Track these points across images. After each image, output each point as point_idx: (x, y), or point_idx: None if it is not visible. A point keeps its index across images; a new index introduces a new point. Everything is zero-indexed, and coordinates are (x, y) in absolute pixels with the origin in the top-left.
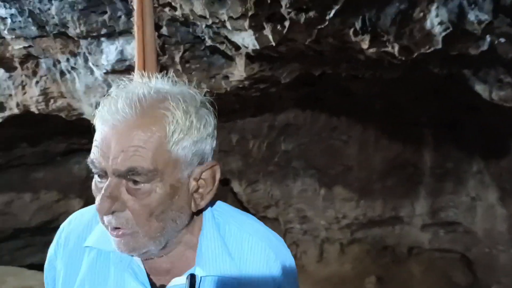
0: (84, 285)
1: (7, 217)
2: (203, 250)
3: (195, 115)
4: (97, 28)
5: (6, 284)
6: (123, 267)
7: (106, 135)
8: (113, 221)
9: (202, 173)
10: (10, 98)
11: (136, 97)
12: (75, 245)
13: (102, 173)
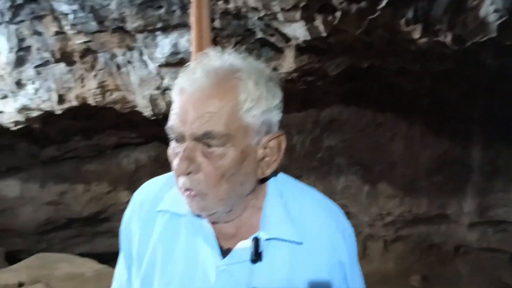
0: (157, 247)
1: (60, 207)
2: (267, 215)
3: (265, 87)
4: (153, 22)
5: (59, 270)
6: (193, 231)
7: (184, 102)
8: (187, 182)
9: (269, 142)
10: (69, 91)
11: (212, 68)
12: (149, 210)
13: (179, 137)
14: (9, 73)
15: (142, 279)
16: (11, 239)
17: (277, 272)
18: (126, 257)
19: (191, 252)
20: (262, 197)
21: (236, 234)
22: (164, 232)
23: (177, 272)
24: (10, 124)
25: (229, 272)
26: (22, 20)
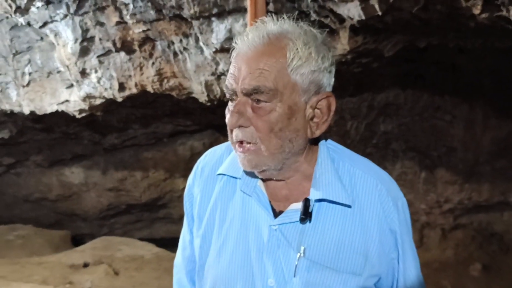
0: (216, 206)
1: (121, 193)
2: (318, 178)
3: (314, 48)
4: (209, 8)
5: (121, 252)
6: (248, 192)
7: (238, 62)
8: (240, 134)
9: (318, 102)
10: (129, 79)
11: (264, 30)
12: (209, 174)
13: (233, 94)
14: (74, 63)
15: (201, 239)
16: (76, 223)
17: (327, 233)
18: (188, 219)
19: (245, 213)
20: (313, 161)
21: (288, 197)
22: (221, 194)
23: (232, 231)
24: (75, 112)
25: (281, 231)
26: (86, 11)
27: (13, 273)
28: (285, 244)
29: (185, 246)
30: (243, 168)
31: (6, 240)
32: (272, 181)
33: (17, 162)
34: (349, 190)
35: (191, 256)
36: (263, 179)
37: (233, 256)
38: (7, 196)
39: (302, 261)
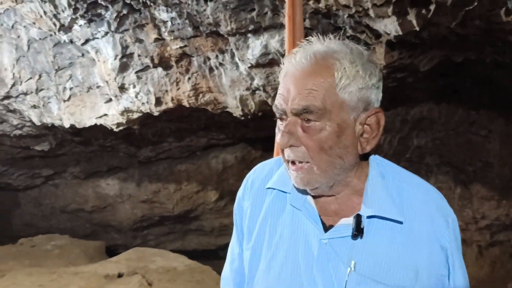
0: (266, 219)
1: (154, 205)
2: (369, 194)
3: (361, 66)
4: (245, 24)
5: (155, 263)
6: (298, 206)
7: (286, 82)
8: (291, 154)
9: (367, 118)
10: (166, 94)
11: (311, 51)
12: (259, 188)
13: (282, 114)
14: (113, 79)
15: (251, 252)
16: (110, 234)
17: (377, 248)
18: (237, 232)
19: (295, 226)
20: (363, 177)
21: (338, 212)
22: (271, 207)
23: (282, 244)
24: (113, 126)
25: (331, 246)
26: (126, 29)
27: (51, 282)
28: (335, 258)
29: (234, 259)
30: (296, 185)
31: (44, 249)
32: (322, 196)
33: (55, 173)
34: (400, 206)
35: (239, 269)
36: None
37: (283, 269)
38: (44, 207)
39: (353, 275)
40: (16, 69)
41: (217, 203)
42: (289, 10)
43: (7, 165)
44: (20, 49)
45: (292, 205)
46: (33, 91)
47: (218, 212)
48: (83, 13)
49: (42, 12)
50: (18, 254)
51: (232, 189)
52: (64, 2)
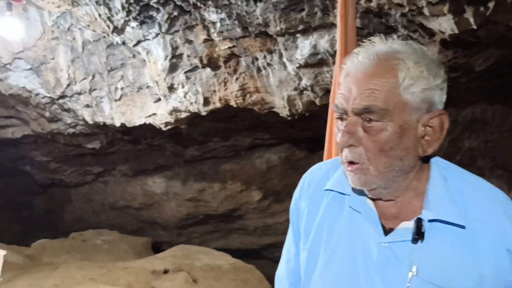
0: (322, 223)
1: (199, 204)
2: (430, 197)
3: (425, 67)
4: (295, 25)
5: (200, 261)
6: (357, 208)
7: (348, 82)
8: (349, 154)
9: (430, 120)
10: (214, 94)
11: (373, 51)
12: (316, 189)
13: (343, 113)
14: (163, 79)
15: (308, 252)
16: (156, 231)
17: (439, 253)
18: (294, 233)
19: (353, 229)
20: (424, 180)
21: (398, 215)
22: (329, 209)
23: (339, 246)
24: (162, 125)
25: (391, 249)
26: (177, 30)
27: (101, 276)
28: (395, 262)
29: (290, 259)
30: (353, 186)
31: (94, 244)
32: (381, 199)
33: (105, 171)
34: (462, 210)
35: (295, 269)
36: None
37: (340, 271)
38: (94, 203)
39: (415, 280)
40: (71, 69)
41: (260, 203)
42: (341, 9)
43: (60, 162)
44: (75, 51)
45: (351, 207)
46: (87, 91)
47: (261, 212)
48: (136, 15)
49: (97, 14)
50: (70, 248)
51: (276, 189)
52: (118, 5)
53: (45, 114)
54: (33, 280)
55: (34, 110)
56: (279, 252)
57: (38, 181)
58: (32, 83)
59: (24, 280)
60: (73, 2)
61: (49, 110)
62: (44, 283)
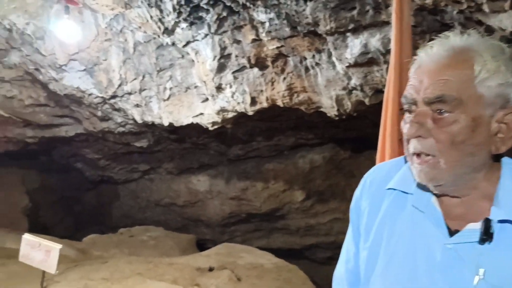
0: (383, 222)
1: (242, 202)
2: (501, 197)
3: (503, 62)
4: (345, 23)
5: (243, 259)
6: (421, 208)
7: (419, 74)
8: (418, 145)
9: (504, 116)
10: (261, 93)
11: (449, 44)
12: (377, 188)
13: (412, 104)
14: (211, 79)
15: (368, 252)
16: (200, 229)
17: (509, 257)
18: (354, 232)
19: (415, 229)
20: (494, 180)
21: (464, 216)
22: (391, 208)
23: (400, 246)
24: (208, 125)
25: (456, 251)
26: (225, 30)
27: (148, 271)
28: (461, 265)
29: (349, 258)
30: (419, 181)
31: (141, 240)
32: (447, 198)
33: (151, 169)
34: None
35: (354, 269)
36: (437, 195)
37: (400, 271)
38: (141, 200)
39: (482, 283)
40: (122, 70)
41: (303, 203)
42: (396, 7)
43: (110, 160)
44: (126, 52)
45: (414, 207)
46: (137, 91)
47: (304, 212)
48: (186, 16)
49: (148, 16)
50: (119, 243)
51: (319, 189)
52: (169, 7)
53: (97, 113)
54: (84, 273)
55: (87, 109)
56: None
57: (89, 177)
58: (85, 83)
59: (76, 273)
60: (126, 4)
61: (100, 109)
62: (95, 276)
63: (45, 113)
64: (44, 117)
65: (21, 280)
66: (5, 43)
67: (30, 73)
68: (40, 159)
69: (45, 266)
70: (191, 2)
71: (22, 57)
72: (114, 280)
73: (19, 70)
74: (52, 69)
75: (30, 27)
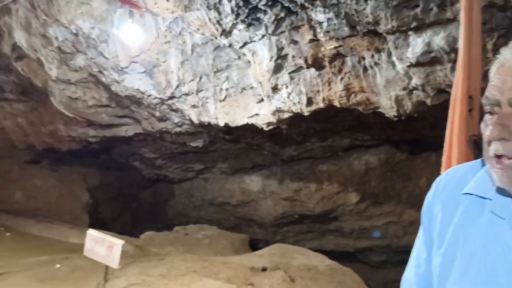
0: (459, 227)
1: (295, 203)
2: None
3: None
4: (407, 22)
5: (296, 260)
6: (501, 214)
7: (503, 73)
8: (500, 148)
9: None
10: (317, 94)
11: None
12: (451, 193)
13: (494, 106)
14: (267, 80)
15: (442, 258)
16: (252, 228)
17: None
18: (425, 237)
19: (494, 236)
20: None
21: None
22: (466, 214)
23: (477, 254)
24: (263, 125)
25: None
26: (282, 31)
27: (203, 269)
28: None
29: (420, 263)
30: (500, 185)
31: (195, 238)
32: None
33: (205, 168)
34: None
35: (425, 275)
36: None
37: (478, 279)
38: (195, 198)
39: None
40: (180, 71)
41: (357, 205)
42: (466, 4)
43: (166, 159)
44: (184, 54)
45: (493, 213)
46: (194, 92)
47: (358, 214)
48: (244, 18)
49: (207, 18)
50: (174, 240)
51: (374, 192)
52: (227, 9)
53: (155, 114)
54: (142, 269)
55: (146, 110)
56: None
57: (146, 176)
58: (145, 84)
59: (135, 269)
60: (186, 7)
61: (159, 110)
62: (152, 272)
63: (107, 113)
64: (105, 117)
65: (84, 274)
66: (71, 47)
67: (94, 75)
68: (100, 158)
69: (108, 261)
70: (249, 3)
71: (86, 60)
72: (171, 277)
73: (83, 73)
74: (114, 71)
75: (95, 31)
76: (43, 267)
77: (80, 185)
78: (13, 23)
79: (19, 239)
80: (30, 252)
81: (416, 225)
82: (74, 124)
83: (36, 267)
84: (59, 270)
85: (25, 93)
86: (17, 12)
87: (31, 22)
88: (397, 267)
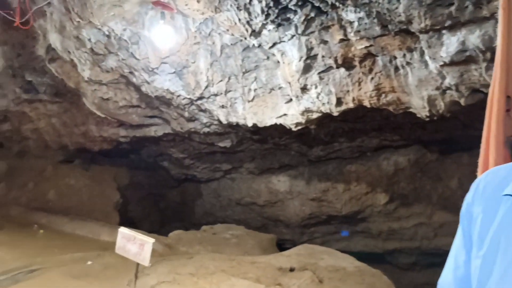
0: (501, 229)
1: (323, 204)
2: None
3: None
4: (441, 20)
5: (324, 261)
6: None
7: None
8: None
9: None
10: (347, 94)
11: None
12: (492, 194)
13: None
14: (296, 80)
15: (482, 260)
16: (279, 229)
17: None
18: (465, 239)
19: None
20: None
21: None
22: (508, 216)
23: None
24: (292, 125)
25: None
26: (312, 31)
27: (231, 268)
28: None
29: (458, 266)
30: None
31: (223, 237)
32: None
33: (233, 168)
34: None
35: (464, 277)
36: None
37: None
38: (222, 198)
39: None
40: (209, 72)
41: (386, 206)
42: (504, 1)
43: (194, 159)
44: (213, 54)
45: None
46: (223, 92)
47: (387, 215)
48: (274, 18)
49: (237, 19)
50: (202, 239)
51: (403, 193)
52: (257, 9)
53: (184, 114)
54: (171, 267)
55: (175, 110)
56: (405, 258)
57: (174, 176)
58: (175, 85)
59: (165, 267)
60: (216, 8)
61: (187, 110)
62: (182, 270)
63: (137, 114)
64: (135, 118)
65: (116, 271)
66: (103, 48)
67: (125, 76)
68: (130, 158)
69: (139, 259)
70: (280, 4)
71: (118, 61)
72: (200, 276)
73: (115, 74)
74: (145, 72)
75: (126, 33)
76: (77, 264)
77: (111, 184)
78: (48, 25)
79: (53, 237)
80: (63, 249)
81: (446, 226)
82: (105, 124)
83: (70, 264)
84: (91, 267)
85: (59, 94)
86: (52, 15)
87: (65, 25)
88: (427, 270)
